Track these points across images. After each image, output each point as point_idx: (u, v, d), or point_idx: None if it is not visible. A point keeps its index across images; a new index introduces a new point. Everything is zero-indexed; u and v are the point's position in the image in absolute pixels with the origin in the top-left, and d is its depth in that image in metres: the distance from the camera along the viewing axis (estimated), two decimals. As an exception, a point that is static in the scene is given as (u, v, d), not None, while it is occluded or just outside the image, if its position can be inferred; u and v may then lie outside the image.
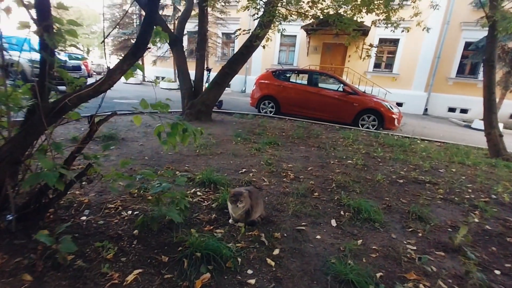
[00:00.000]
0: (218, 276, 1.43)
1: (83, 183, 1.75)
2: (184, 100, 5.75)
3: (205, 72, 7.33)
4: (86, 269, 1.37)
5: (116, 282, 1.32)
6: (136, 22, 17.31)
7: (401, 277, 1.59)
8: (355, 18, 5.66)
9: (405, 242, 1.97)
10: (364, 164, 3.66)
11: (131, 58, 1.49)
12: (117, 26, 18.08)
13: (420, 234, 2.09)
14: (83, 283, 1.29)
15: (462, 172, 3.78)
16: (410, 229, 2.14)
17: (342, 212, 2.29)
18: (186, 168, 2.92)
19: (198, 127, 1.80)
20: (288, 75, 8.08)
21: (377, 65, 14.38)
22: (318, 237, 1.92)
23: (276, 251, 1.70)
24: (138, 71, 1.72)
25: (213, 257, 1.50)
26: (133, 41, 17.24)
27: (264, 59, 15.40)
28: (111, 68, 1.46)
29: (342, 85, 7.29)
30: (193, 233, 1.70)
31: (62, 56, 7.84)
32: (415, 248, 1.90)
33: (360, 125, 6.87)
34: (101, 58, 28.04)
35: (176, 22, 6.79)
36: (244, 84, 16.64)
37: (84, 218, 1.79)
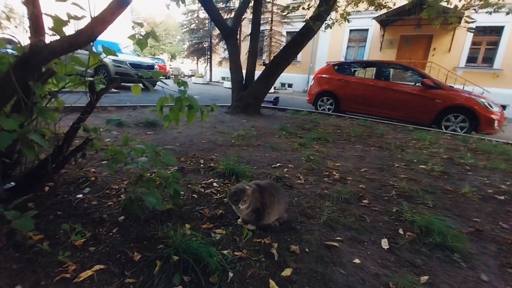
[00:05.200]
0: (192, 293, 1.04)
1: (80, 159, 1.58)
2: (234, 93, 5.56)
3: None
4: (46, 254, 1.14)
5: (67, 276, 1.05)
6: (207, 27, 18.45)
7: None
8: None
9: (506, 292, 1.22)
10: (444, 171, 2.74)
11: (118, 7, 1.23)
12: (192, 32, 19.65)
13: (536, 283, 1.28)
14: (32, 270, 1.06)
15: None
16: (516, 272, 1.35)
17: (400, 231, 1.62)
18: (213, 157, 2.62)
19: (244, 120, 1.44)
20: (353, 68, 7.15)
21: (471, 59, 11.78)
22: (357, 261, 1.33)
23: (287, 272, 1.20)
24: (207, 72, 1.59)
25: (193, 264, 1.11)
26: (204, 45, 18.47)
27: (329, 57, 14.40)
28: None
29: (420, 77, 6.03)
30: (185, 229, 1.35)
31: (145, 59, 9.03)
32: (527, 306, 1.14)
33: (443, 127, 5.53)
34: (181, 63, 31.53)
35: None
36: (307, 84, 15.91)
37: (80, 196, 1.63)
